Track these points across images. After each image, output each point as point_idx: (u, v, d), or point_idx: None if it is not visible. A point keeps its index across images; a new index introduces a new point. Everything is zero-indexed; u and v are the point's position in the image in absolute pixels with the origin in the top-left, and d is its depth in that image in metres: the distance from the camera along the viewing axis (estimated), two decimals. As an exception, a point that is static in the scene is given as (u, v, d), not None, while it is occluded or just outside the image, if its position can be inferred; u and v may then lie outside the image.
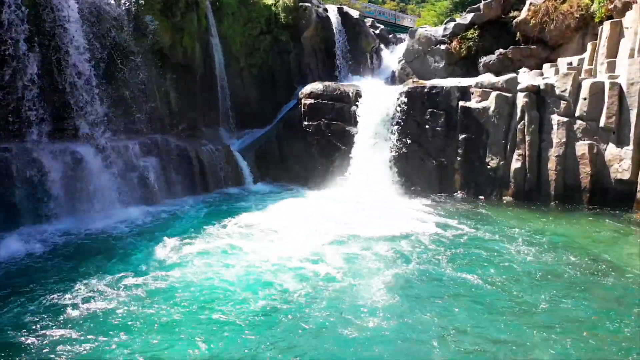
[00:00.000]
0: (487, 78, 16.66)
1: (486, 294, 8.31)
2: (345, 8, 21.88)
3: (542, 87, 14.98)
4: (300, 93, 17.52)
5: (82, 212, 12.00)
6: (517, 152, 15.05)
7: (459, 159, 15.73)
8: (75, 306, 7.49)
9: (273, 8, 19.48)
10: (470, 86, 16.03)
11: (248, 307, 7.61)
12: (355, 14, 21.78)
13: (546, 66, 17.36)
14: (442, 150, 15.94)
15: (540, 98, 15.01)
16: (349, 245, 10.43)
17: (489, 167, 15.41)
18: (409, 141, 16.13)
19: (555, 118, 14.68)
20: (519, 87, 15.28)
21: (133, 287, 8.19)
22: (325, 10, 20.96)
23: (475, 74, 18.79)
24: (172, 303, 7.68)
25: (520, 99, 15.06)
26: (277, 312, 7.51)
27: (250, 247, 10.17)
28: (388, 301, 7.93)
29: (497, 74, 18.15)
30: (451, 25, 19.59)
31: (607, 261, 9.83)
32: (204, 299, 7.86)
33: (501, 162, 15.26)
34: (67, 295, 7.81)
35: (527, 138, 14.88)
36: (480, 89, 15.75)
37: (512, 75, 15.95)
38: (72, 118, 12.51)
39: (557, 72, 16.63)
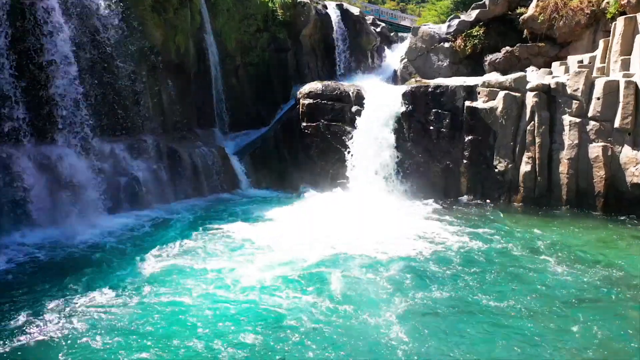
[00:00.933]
0: (494, 77, 15.94)
1: (510, 320, 7.42)
2: (346, 5, 21.15)
3: (552, 86, 14.24)
4: (298, 93, 16.78)
5: (64, 221, 11.21)
6: (526, 154, 14.30)
7: (465, 161, 14.98)
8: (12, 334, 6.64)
9: (270, 4, 18.73)
10: (476, 85, 15.29)
11: (219, 353, 6.31)
12: (355, 11, 21.05)
13: (555, 64, 16.61)
14: (447, 153, 15.19)
15: (551, 98, 14.27)
16: (350, 265, 9.44)
17: (496, 170, 14.66)
18: (412, 143, 15.38)
19: (567, 119, 13.93)
20: (528, 86, 14.54)
21: (86, 314, 7.26)
22: (325, 7, 20.22)
23: (481, 72, 18.08)
24: (128, 341, 6.55)
25: (530, 99, 14.32)
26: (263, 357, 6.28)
27: (240, 268, 9.16)
28: (408, 340, 6.66)
29: (504, 73, 17.48)
30: (455, 22, 18.86)
31: (632, 275, 9.08)
32: (166, 334, 6.71)
33: (510, 165, 14.51)
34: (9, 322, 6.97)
35: (537, 140, 14.13)
36: (487, 89, 15.01)
37: (521, 73, 15.22)
38: (54, 119, 11.71)
39: (567, 70, 15.90)
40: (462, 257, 9.98)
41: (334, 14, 20.07)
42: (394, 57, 21.53)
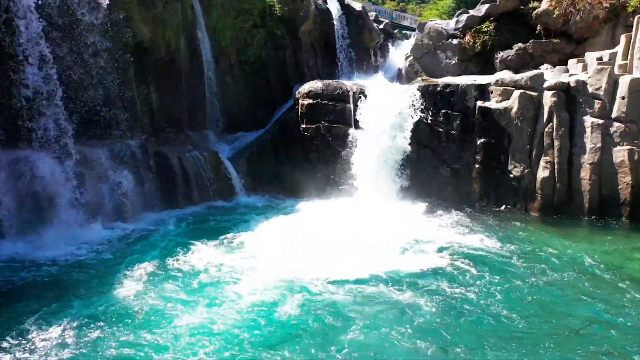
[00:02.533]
0: (508, 75, 14.83)
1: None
2: (347, 0, 20.02)
3: (572, 84, 13.16)
4: (297, 92, 15.67)
5: (37, 233, 10.12)
6: (544, 159, 13.20)
7: (477, 166, 13.88)
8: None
9: (267, -1, 17.63)
10: (489, 84, 14.22)
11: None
12: (357, 6, 19.93)
13: (572, 62, 15.50)
14: (458, 157, 14.09)
15: (571, 97, 13.19)
16: (353, 286, 8.39)
17: (511, 175, 13.56)
18: (419, 146, 14.28)
19: (588, 120, 12.85)
20: (545, 84, 13.45)
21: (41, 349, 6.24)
22: (325, 1, 19.12)
23: (491, 71, 16.96)
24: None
25: (548, 98, 13.23)
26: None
27: (228, 289, 8.19)
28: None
29: (516, 71, 16.38)
30: (464, 17, 17.74)
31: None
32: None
33: (526, 171, 13.40)
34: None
35: (556, 143, 13.04)
36: (501, 87, 13.92)
37: (538, 71, 14.15)
38: (28, 122, 10.62)
39: (584, 68, 14.81)
40: (469, 275, 8.95)
41: (334, 9, 18.97)
42: (398, 54, 20.40)
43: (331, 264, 9.24)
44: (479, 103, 13.95)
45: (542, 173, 13.16)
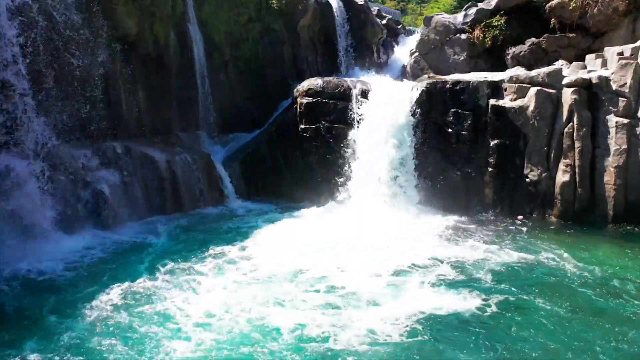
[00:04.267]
0: (522, 71, 13.78)
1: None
2: (348, -7, 18.97)
3: (594, 81, 12.13)
4: (295, 90, 14.61)
5: (6, 245, 9.05)
6: (563, 161, 12.16)
7: (490, 169, 12.82)
8: None
9: (264, -9, 16.57)
10: (502, 81, 13.16)
11: None
12: (359, -1, 18.90)
13: (590, 57, 14.41)
14: (469, 159, 13.03)
15: (592, 95, 12.15)
16: (353, 317, 7.32)
17: (528, 180, 12.51)
18: (427, 148, 13.23)
19: (612, 119, 11.82)
20: (564, 81, 12.41)
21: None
22: (325, -6, 18.04)
23: (502, 67, 15.94)
24: None
25: (567, 96, 12.18)
26: None
27: (214, 315, 7.18)
28: None
29: (529, 68, 15.32)
30: (473, 11, 16.71)
31: None
32: None
33: (544, 174, 12.35)
34: None
35: (577, 144, 12.00)
36: (516, 84, 12.87)
37: (556, 66, 13.12)
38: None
39: (604, 64, 13.72)
40: (503, 302, 7.89)
41: (335, 2, 17.92)
42: (402, 51, 19.40)
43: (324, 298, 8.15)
44: (492, 101, 12.91)
45: (562, 177, 12.11)
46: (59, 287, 7.97)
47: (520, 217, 12.52)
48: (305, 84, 14.48)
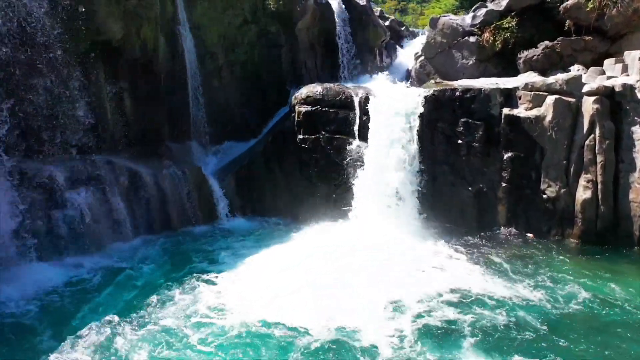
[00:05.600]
0: (537, 78, 12.83)
1: None
2: (349, -7, 17.99)
3: (617, 89, 11.18)
4: (293, 98, 13.65)
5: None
6: (584, 177, 11.20)
7: (503, 185, 11.87)
8: None
9: (260, -9, 15.59)
10: (516, 88, 12.20)
11: None
12: (361, 0, 17.89)
13: (609, 62, 13.46)
14: (481, 174, 12.08)
15: (616, 104, 11.18)
16: None
17: (545, 196, 11.55)
18: (435, 161, 12.28)
19: (638, 131, 10.90)
20: (584, 89, 11.46)
21: None
22: (325, -5, 17.06)
23: (513, 72, 14.95)
24: None
25: (588, 106, 11.23)
26: None
27: None
28: None
29: (542, 73, 14.40)
30: (482, 12, 15.72)
31: None
32: None
33: (562, 191, 11.39)
34: None
35: (599, 158, 11.04)
36: (531, 92, 11.92)
37: (575, 73, 12.15)
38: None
39: (624, 69, 12.79)
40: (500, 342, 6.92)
41: (336, 3, 16.94)
42: (406, 54, 18.44)
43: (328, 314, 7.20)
44: (506, 110, 11.95)
45: (583, 194, 11.15)
46: (19, 328, 7.00)
47: (530, 235, 11.58)
48: (303, 91, 13.51)
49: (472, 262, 10.14)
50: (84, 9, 10.91)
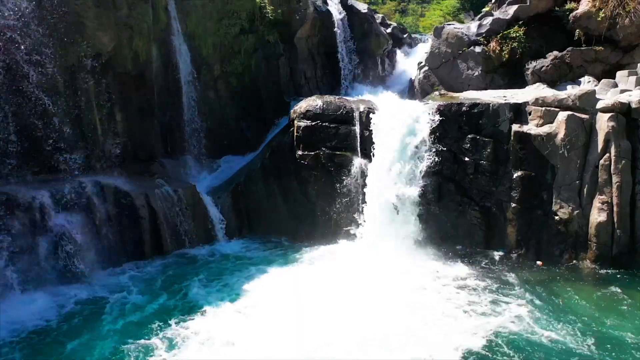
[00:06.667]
0: (549, 92, 12.27)
1: None
2: (350, 0, 17.40)
3: (634, 105, 10.62)
4: (292, 112, 13.06)
5: None
6: (599, 198, 10.63)
7: (512, 205, 11.30)
8: None
9: (258, -1, 15.02)
10: (526, 103, 11.62)
11: None
12: (363, 7, 17.32)
13: (621, 74, 12.89)
14: (489, 193, 11.52)
15: (632, 121, 10.61)
16: None
17: (556, 218, 10.98)
18: (441, 179, 11.71)
19: (656, 151, 10.30)
20: (599, 105, 10.89)
21: None
22: (325, 2, 16.51)
23: (521, 83, 14.38)
24: None
25: (603, 123, 10.67)
26: None
27: None
28: None
29: (551, 84, 13.84)
30: (488, 20, 15.13)
31: None
32: None
33: (575, 212, 10.82)
34: None
35: (615, 179, 10.48)
36: (542, 108, 11.35)
37: (588, 88, 11.56)
38: None
39: (638, 81, 12.25)
40: None
41: (336, 11, 16.38)
42: (409, 63, 17.83)
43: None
44: (515, 127, 11.38)
45: (597, 216, 10.57)
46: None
47: (539, 262, 10.99)
48: (303, 105, 12.93)
49: (478, 289, 9.56)
50: (71, 20, 10.32)
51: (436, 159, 11.67)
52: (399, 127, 11.91)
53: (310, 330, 7.92)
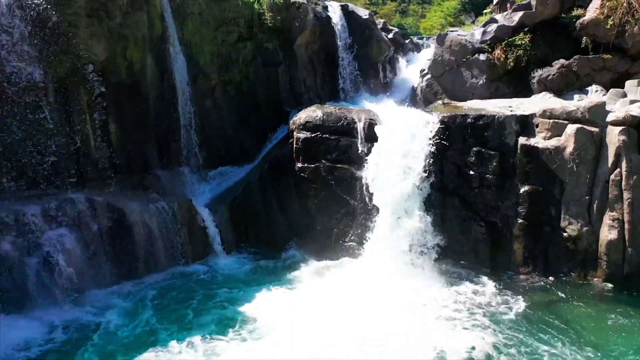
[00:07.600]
0: (553, 103, 11.88)
1: None
2: (351, 6, 17.03)
3: (645, 118, 10.20)
4: (291, 123, 12.68)
5: None
6: (609, 214, 10.25)
7: (519, 221, 10.92)
8: None
9: (256, 6, 14.61)
10: (533, 115, 11.25)
11: None
12: (364, 13, 16.93)
13: (631, 83, 12.54)
14: (495, 208, 11.14)
15: (644, 135, 10.24)
16: None
17: (565, 234, 10.60)
18: (445, 194, 11.34)
19: (669, 166, 9.91)
20: (609, 117, 10.51)
21: None
22: (326, 8, 16.12)
23: (527, 92, 14.01)
24: None
25: (613, 136, 10.28)
26: None
27: None
28: None
29: (558, 93, 13.49)
30: (493, 27, 14.74)
31: None
32: None
33: (584, 229, 10.44)
34: None
35: (626, 195, 10.09)
36: (550, 120, 10.98)
37: (598, 99, 11.17)
38: None
39: (649, 92, 11.87)
40: None
41: (337, 17, 15.98)
42: (411, 70, 17.42)
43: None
44: (522, 140, 11.00)
45: (608, 234, 10.19)
46: None
47: (551, 278, 10.63)
48: (302, 116, 12.55)
49: (485, 311, 9.19)
50: (63, 29, 9.96)
51: (440, 172, 11.31)
52: (400, 139, 11.53)
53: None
